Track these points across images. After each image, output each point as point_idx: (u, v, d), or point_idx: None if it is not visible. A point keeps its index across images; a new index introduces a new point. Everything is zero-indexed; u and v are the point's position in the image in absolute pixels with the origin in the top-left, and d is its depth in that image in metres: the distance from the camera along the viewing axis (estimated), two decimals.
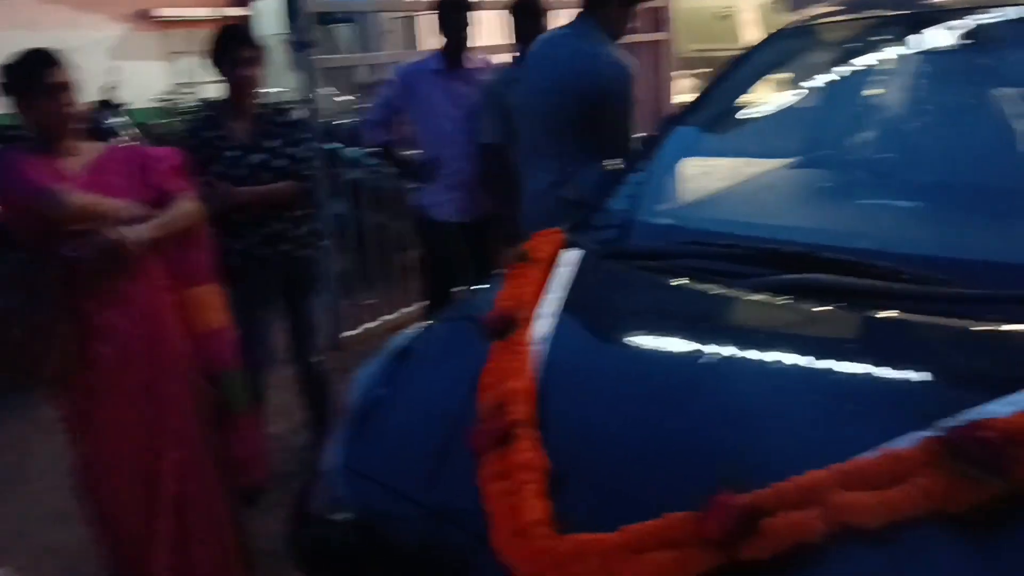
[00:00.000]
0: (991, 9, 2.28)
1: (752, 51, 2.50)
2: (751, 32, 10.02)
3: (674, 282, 1.86)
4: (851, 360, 1.52)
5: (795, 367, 1.53)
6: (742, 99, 2.46)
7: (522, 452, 1.44)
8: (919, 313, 1.58)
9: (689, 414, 1.47)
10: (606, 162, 2.60)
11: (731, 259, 1.86)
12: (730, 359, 1.58)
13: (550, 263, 2.05)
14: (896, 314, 1.59)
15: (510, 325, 1.77)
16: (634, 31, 3.36)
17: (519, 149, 3.39)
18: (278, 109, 3.30)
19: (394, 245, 4.93)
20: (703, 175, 2.45)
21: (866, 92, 2.60)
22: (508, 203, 3.84)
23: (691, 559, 1.20)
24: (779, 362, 1.56)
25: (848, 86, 2.59)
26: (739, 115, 2.46)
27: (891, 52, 2.45)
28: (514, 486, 1.39)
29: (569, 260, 2.06)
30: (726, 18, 11.14)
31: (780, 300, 1.70)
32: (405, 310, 4.84)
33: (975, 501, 1.16)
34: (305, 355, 3.40)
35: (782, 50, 2.48)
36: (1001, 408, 1.27)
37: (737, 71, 2.49)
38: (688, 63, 8.27)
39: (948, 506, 1.16)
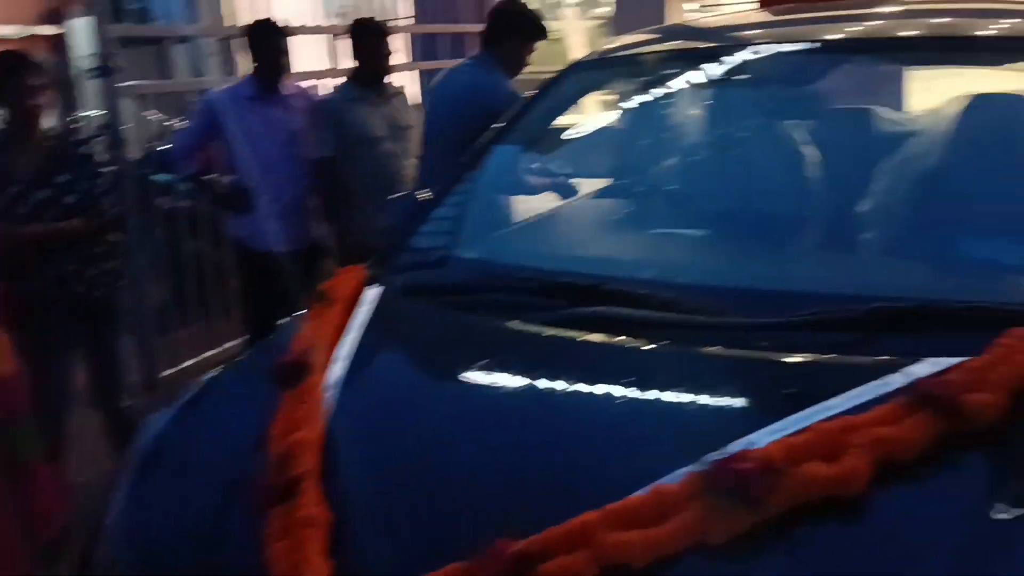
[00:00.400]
0: (785, 43, 2.42)
1: (551, 83, 2.55)
2: (580, 55, 10.33)
3: (470, 318, 1.87)
4: (633, 396, 1.56)
5: (578, 405, 1.55)
6: (542, 130, 2.51)
7: (305, 507, 1.39)
8: (697, 344, 1.64)
9: (475, 458, 1.46)
10: (418, 192, 2.59)
11: (530, 293, 1.88)
12: (515, 398, 1.59)
13: (351, 302, 2.02)
14: (676, 346, 1.65)
15: (302, 371, 1.72)
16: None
17: (422, 176, 3.67)
18: (75, 140, 3.12)
19: (214, 276, 4.75)
20: (509, 206, 2.47)
21: (666, 123, 2.70)
22: (338, 220, 3.88)
23: None
24: (563, 400, 1.58)
25: (647, 117, 2.69)
26: (540, 146, 2.51)
27: (689, 84, 2.56)
28: (296, 544, 1.34)
29: (370, 298, 2.03)
30: (556, 41, 11.44)
31: (570, 335, 1.73)
32: (228, 345, 4.66)
33: (733, 532, 1.20)
34: (111, 398, 3.23)
35: (580, 81, 2.54)
36: (762, 437, 1.33)
37: (537, 103, 2.53)
38: (522, 85, 8.44)
39: (709, 539, 1.20)
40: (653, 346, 1.66)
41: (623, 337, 1.69)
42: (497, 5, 3.89)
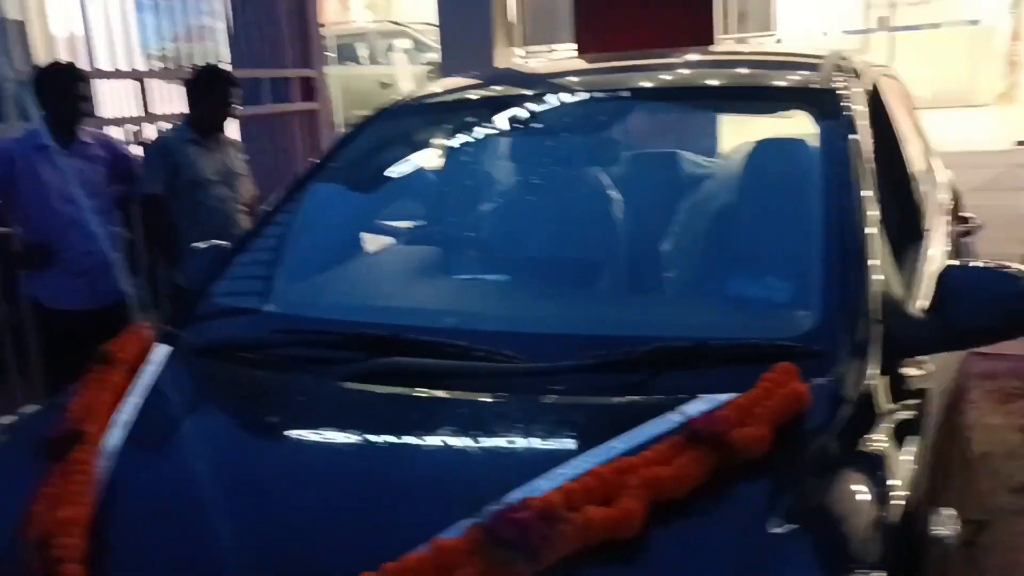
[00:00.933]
0: (589, 90, 2.50)
1: (356, 130, 2.54)
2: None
3: (261, 376, 1.80)
4: (420, 447, 1.54)
5: (362, 460, 1.52)
6: (346, 177, 2.48)
7: None
8: (485, 391, 1.65)
9: (259, 525, 1.40)
10: (215, 242, 2.50)
11: (325, 346, 1.84)
12: (300, 457, 1.54)
13: (136, 363, 1.91)
14: (465, 394, 1.64)
15: (72, 441, 1.60)
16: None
17: None
18: None
19: (10, 336, 4.40)
20: (308, 256, 2.42)
21: (471, 169, 2.73)
22: (169, 256, 3.80)
23: None
24: (347, 456, 1.54)
25: (453, 162, 2.71)
26: (344, 194, 2.48)
27: (495, 130, 2.60)
28: None
29: (157, 358, 1.92)
30: (388, 86, 11.50)
31: (361, 388, 1.70)
32: (25, 410, 4.31)
33: None
34: None
35: (386, 128, 2.54)
36: (544, 484, 1.34)
37: (342, 150, 2.51)
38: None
39: None
40: (442, 396, 1.65)
41: (416, 388, 1.68)
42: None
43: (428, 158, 2.68)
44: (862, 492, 1.41)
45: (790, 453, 1.43)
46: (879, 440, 1.54)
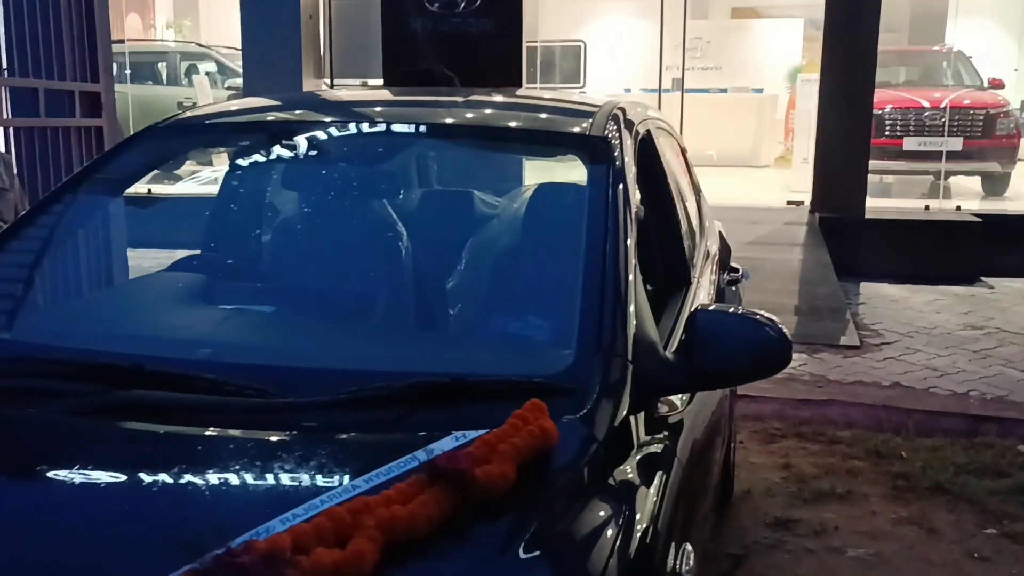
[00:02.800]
0: (352, 123, 2.45)
1: (118, 148, 2.37)
2: None
3: None
4: (149, 488, 1.43)
5: (84, 501, 1.39)
6: (108, 195, 2.31)
7: None
8: (234, 428, 1.56)
9: None
10: None
11: (57, 377, 1.68)
12: (9, 495, 1.39)
13: None
14: (210, 432, 1.54)
15: None
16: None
17: None
18: None
19: None
20: (55, 280, 2.23)
21: (243, 195, 2.62)
22: None
23: None
24: (66, 496, 1.40)
25: (226, 186, 2.60)
26: (103, 214, 2.31)
27: (262, 157, 2.52)
28: None
29: None
30: (191, 107, 11.05)
31: (90, 422, 1.56)
32: None
33: None
34: None
35: (149, 148, 2.39)
36: (277, 526, 1.26)
37: (101, 169, 2.33)
38: None
39: None
40: (183, 432, 1.54)
41: (155, 424, 1.56)
42: None
43: (202, 179, 2.55)
44: (603, 526, 1.43)
45: (536, 489, 1.43)
46: (625, 475, 1.57)
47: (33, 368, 1.73)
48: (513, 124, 2.49)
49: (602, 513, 1.46)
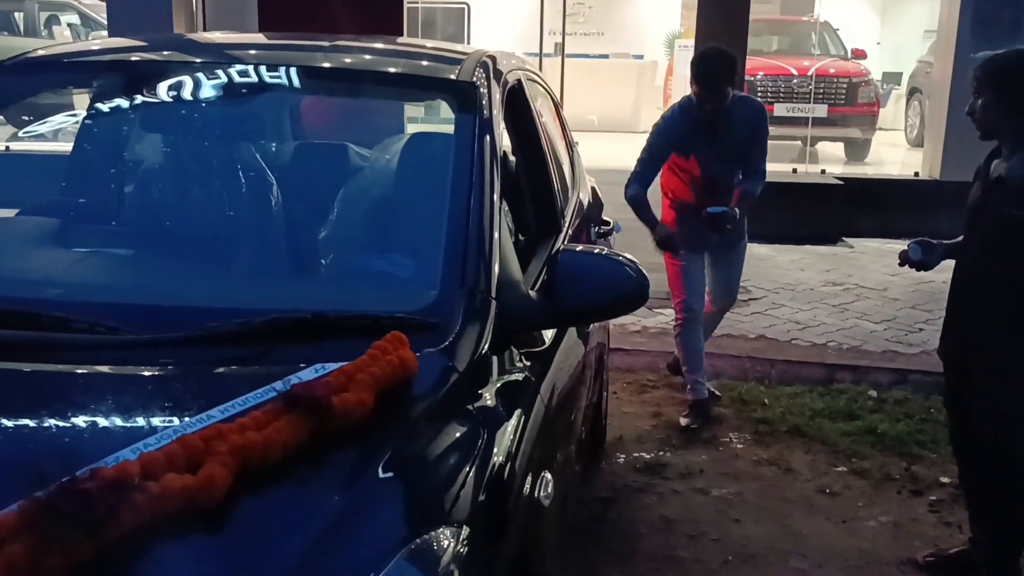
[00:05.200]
0: (220, 65, 2.38)
1: None
2: None
3: None
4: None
5: None
6: None
7: None
8: (87, 365, 1.52)
9: None
10: None
11: None
12: None
13: None
14: (62, 367, 1.50)
15: None
16: None
17: None
18: None
19: None
20: None
21: (102, 137, 2.51)
22: None
23: None
24: None
25: (85, 128, 2.49)
26: None
27: (128, 98, 2.42)
28: None
29: None
30: None
31: None
32: None
33: (74, 559, 1.09)
34: None
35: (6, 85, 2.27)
36: (128, 455, 1.25)
37: None
38: None
39: (44, 571, 1.08)
40: (36, 370, 1.50)
41: (5, 361, 1.51)
42: None
43: (57, 121, 2.44)
44: (459, 452, 1.47)
45: (394, 417, 1.45)
46: (484, 405, 1.61)
47: None
48: (382, 68, 2.47)
49: (459, 440, 1.49)
